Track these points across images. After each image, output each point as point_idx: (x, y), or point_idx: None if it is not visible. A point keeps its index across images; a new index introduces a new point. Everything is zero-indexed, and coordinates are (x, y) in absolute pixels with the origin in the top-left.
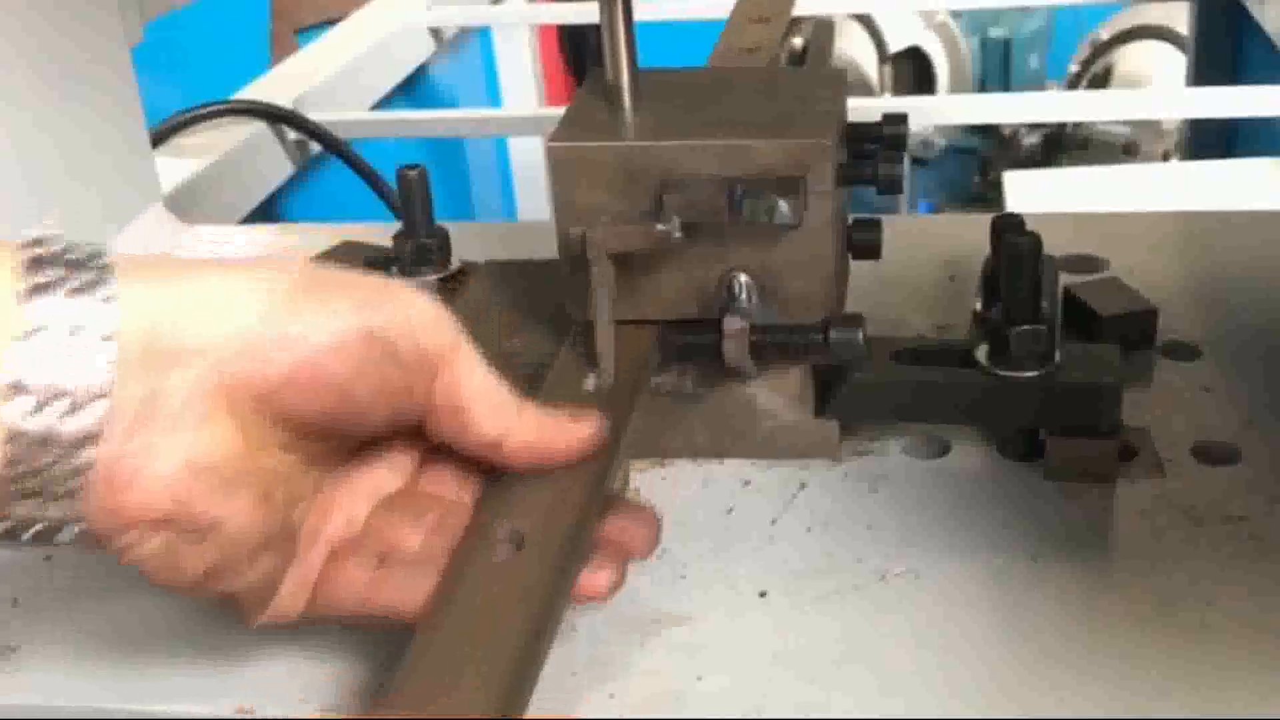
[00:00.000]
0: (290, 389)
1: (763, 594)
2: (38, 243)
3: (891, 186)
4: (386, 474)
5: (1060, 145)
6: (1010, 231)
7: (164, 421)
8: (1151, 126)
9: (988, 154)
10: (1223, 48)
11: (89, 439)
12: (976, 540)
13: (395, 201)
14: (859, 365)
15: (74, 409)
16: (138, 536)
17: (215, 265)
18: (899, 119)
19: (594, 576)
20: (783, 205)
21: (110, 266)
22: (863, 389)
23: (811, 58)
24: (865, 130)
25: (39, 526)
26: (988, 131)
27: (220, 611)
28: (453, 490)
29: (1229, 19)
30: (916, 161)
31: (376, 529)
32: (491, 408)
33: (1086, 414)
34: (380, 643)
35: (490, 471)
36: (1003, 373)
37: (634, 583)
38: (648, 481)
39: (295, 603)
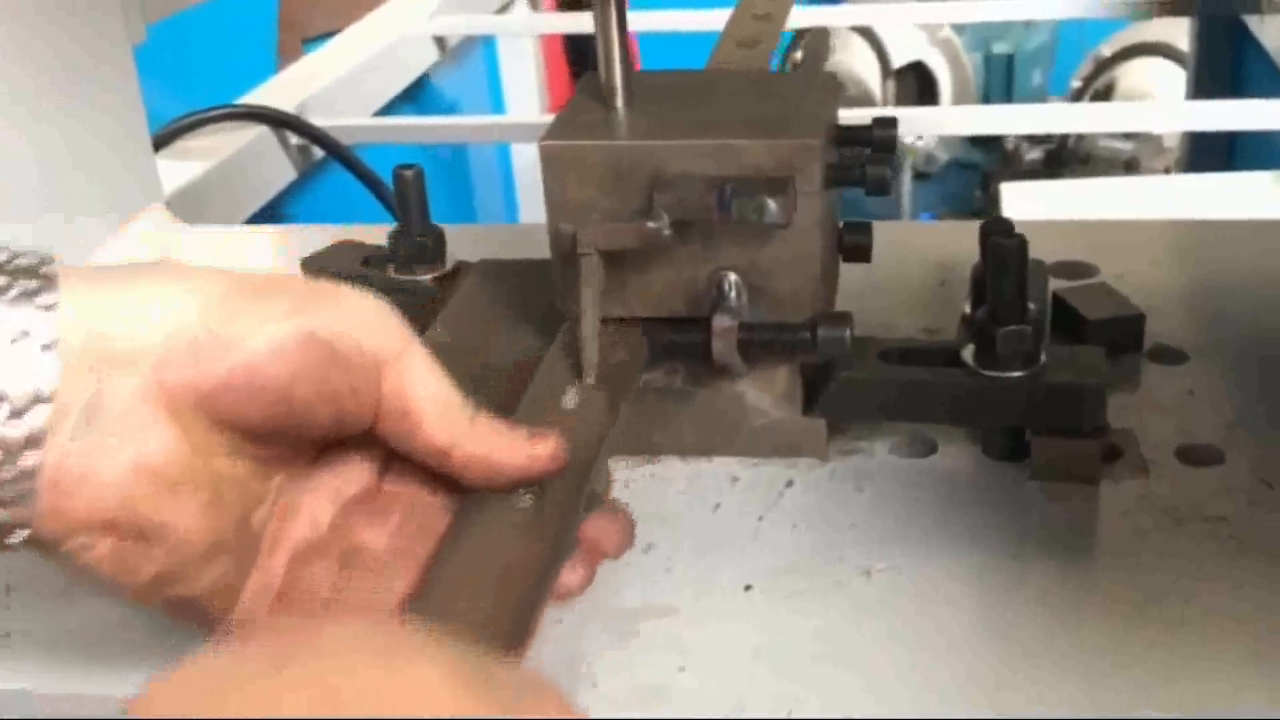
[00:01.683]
0: (228, 393)
1: (747, 588)
2: None
3: (879, 188)
4: (350, 475)
5: (1062, 161)
6: (998, 234)
7: (108, 425)
8: (1153, 142)
9: (990, 169)
10: (1223, 64)
11: (32, 442)
12: (960, 539)
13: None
14: (846, 364)
15: (16, 413)
16: (86, 541)
17: (156, 270)
18: (889, 122)
19: (568, 575)
20: (771, 205)
21: (53, 275)
22: (850, 387)
23: (805, 62)
24: (856, 133)
25: None
26: (990, 146)
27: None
28: (419, 490)
29: (1229, 36)
30: (919, 176)
31: (341, 531)
32: (441, 414)
33: (1071, 414)
34: None
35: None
36: (988, 373)
37: (620, 576)
38: (636, 478)
39: (258, 608)
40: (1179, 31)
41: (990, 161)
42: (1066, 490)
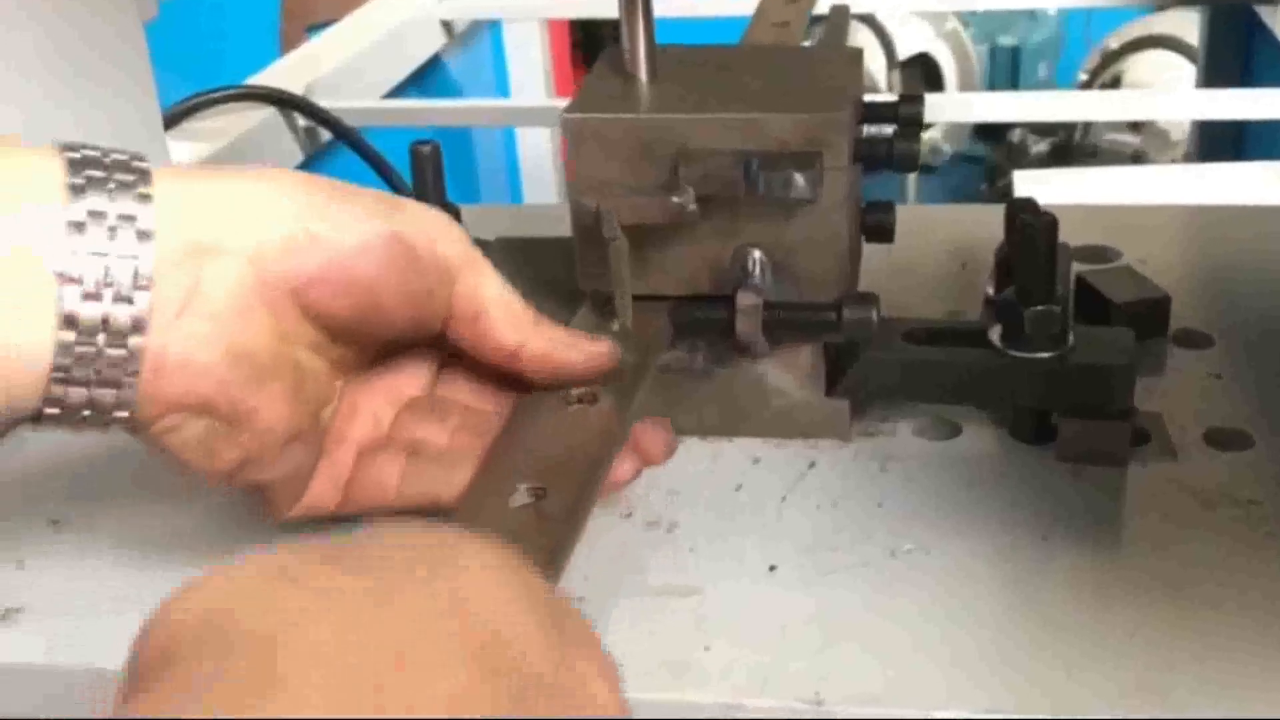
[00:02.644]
0: (320, 287)
1: (772, 568)
2: (77, 146)
3: (908, 164)
4: (407, 379)
5: (1069, 154)
6: (1026, 213)
7: (205, 312)
8: (1161, 136)
9: (995, 162)
10: (1233, 55)
11: (137, 326)
12: (986, 519)
13: (405, 189)
14: (871, 344)
15: (120, 298)
16: (179, 420)
17: (247, 171)
18: (915, 99)
19: (619, 466)
20: (799, 179)
21: (147, 170)
22: (874, 368)
23: (827, 36)
24: (881, 109)
25: (88, 412)
26: (996, 139)
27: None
28: (471, 396)
29: (1240, 27)
30: (925, 169)
31: (403, 428)
32: (509, 317)
33: (1099, 395)
34: None
35: (505, 383)
36: (1016, 353)
37: (643, 555)
38: None
39: (329, 498)
40: (1187, 24)
41: (996, 155)
42: (1094, 473)
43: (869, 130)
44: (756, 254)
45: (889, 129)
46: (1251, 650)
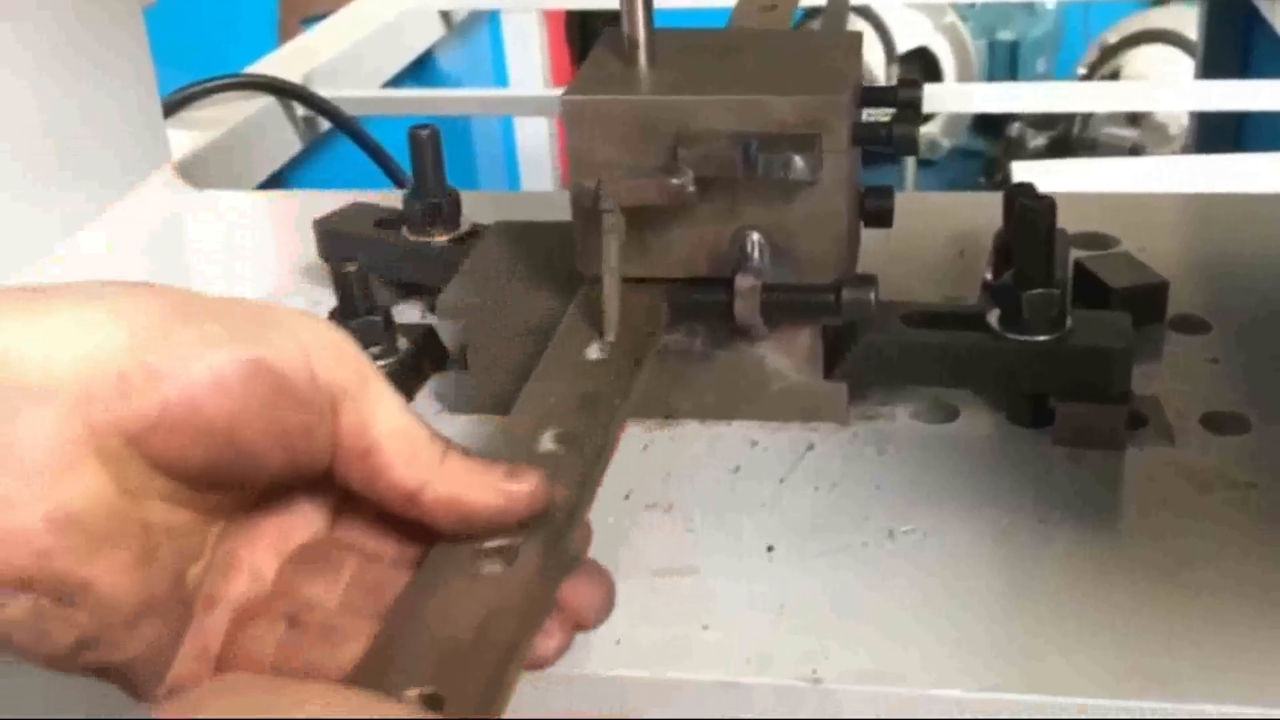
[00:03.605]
0: (163, 432)
1: (770, 549)
2: None
3: (907, 147)
4: (297, 522)
5: (1067, 147)
6: (1025, 197)
7: (20, 469)
8: (1159, 130)
9: (993, 155)
10: (1232, 49)
11: None
12: (984, 502)
13: (403, 178)
14: (869, 327)
15: None
16: (1, 599)
17: (74, 290)
18: (913, 83)
19: (544, 641)
20: (798, 161)
21: None
22: (873, 351)
23: (827, 20)
24: (879, 94)
25: None
26: (994, 133)
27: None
28: (375, 538)
29: (1239, 20)
30: (923, 163)
31: (286, 586)
32: (408, 452)
33: (1096, 378)
34: None
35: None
36: (1014, 336)
37: (642, 536)
38: (656, 440)
39: (195, 674)
40: (1185, 18)
41: (994, 148)
42: (1091, 456)
43: (869, 115)
44: (755, 236)
45: (888, 115)
46: (1247, 633)
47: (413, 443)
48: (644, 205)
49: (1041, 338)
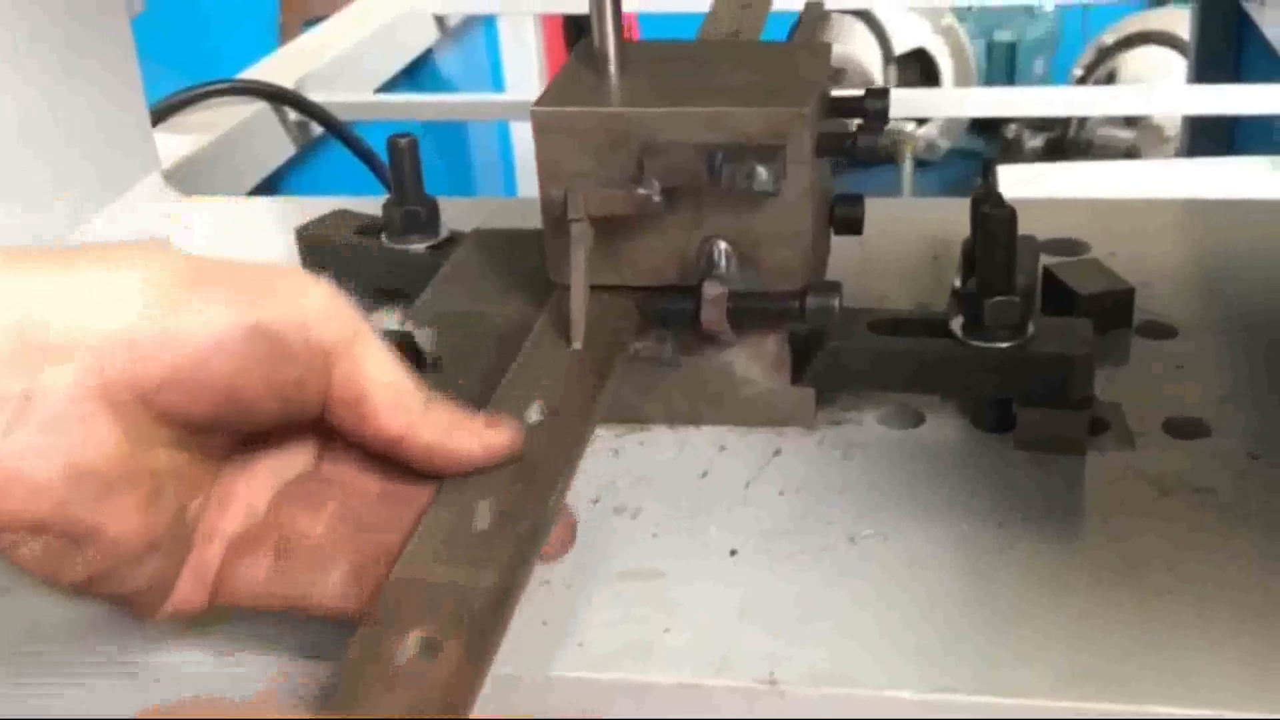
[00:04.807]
0: (172, 389)
1: (733, 552)
2: None
3: (870, 157)
4: (287, 459)
5: (1063, 149)
6: (987, 204)
7: (42, 421)
8: (1155, 131)
9: (990, 157)
10: (1224, 52)
11: None
12: (946, 507)
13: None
14: (835, 333)
15: None
16: (16, 539)
17: (93, 254)
18: (882, 93)
19: None
20: (761, 172)
21: None
22: (838, 357)
23: (801, 30)
24: (849, 104)
25: None
26: (991, 135)
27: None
28: (357, 474)
29: (1230, 23)
30: (920, 164)
31: (276, 518)
32: (394, 401)
33: (1057, 384)
34: None
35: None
36: (976, 343)
37: (608, 540)
38: (625, 445)
39: (194, 599)
40: (1181, 20)
41: (991, 150)
42: (1053, 461)
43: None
44: (722, 245)
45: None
46: (1203, 636)
47: (399, 392)
48: (612, 215)
49: (1003, 345)
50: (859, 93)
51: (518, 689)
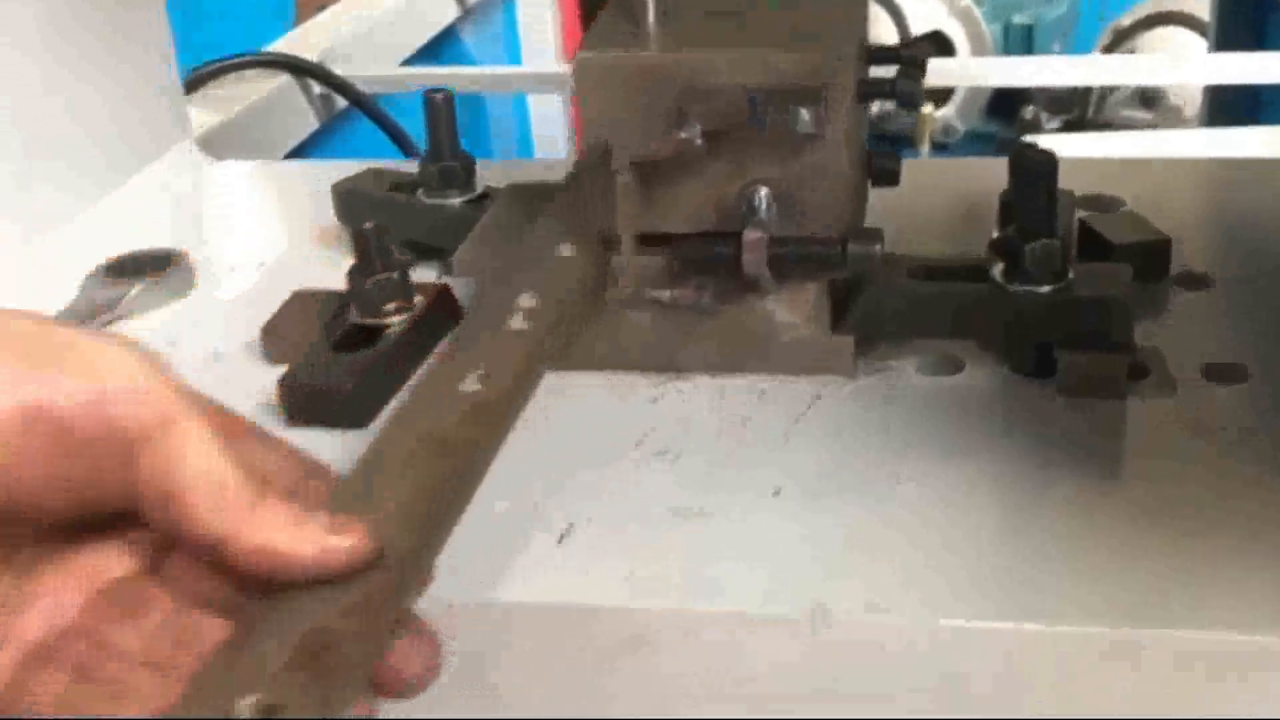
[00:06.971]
0: None
1: (776, 492)
2: None
3: (910, 101)
4: (115, 555)
5: (1082, 129)
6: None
7: None
8: (1174, 111)
9: (1007, 139)
10: (1245, 29)
11: None
12: (986, 450)
13: (418, 153)
14: (875, 281)
15: None
16: None
17: None
18: (918, 41)
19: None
20: (804, 114)
21: None
22: (878, 303)
23: None
24: (886, 53)
25: None
26: (1008, 117)
27: None
28: (199, 582)
29: (1250, 1)
30: (937, 146)
31: (89, 625)
32: (215, 498)
33: (1098, 327)
34: None
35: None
36: (1017, 287)
37: (652, 480)
38: (664, 394)
39: None
40: (1200, 1)
41: (1008, 132)
42: (1093, 405)
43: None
44: (763, 191)
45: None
46: (1240, 566)
47: (221, 487)
48: (653, 159)
49: (1044, 289)
50: (896, 45)
51: (568, 616)
